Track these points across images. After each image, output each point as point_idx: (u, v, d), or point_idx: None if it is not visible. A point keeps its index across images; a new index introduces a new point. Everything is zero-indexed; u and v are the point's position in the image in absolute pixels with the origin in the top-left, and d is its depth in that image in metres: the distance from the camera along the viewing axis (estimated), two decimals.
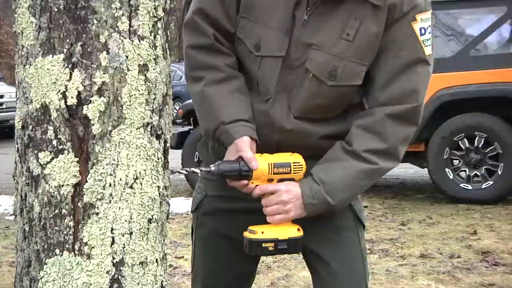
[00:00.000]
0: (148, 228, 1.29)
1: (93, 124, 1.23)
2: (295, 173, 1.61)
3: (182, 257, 4.51)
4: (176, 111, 7.94)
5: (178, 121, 7.54)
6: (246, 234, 1.61)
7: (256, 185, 1.60)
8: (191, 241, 1.90)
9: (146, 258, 1.29)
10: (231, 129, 1.60)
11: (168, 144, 1.35)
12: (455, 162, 6.12)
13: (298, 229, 1.63)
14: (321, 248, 1.71)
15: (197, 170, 1.61)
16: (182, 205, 6.29)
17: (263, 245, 1.60)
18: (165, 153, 1.34)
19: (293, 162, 1.61)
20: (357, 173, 1.61)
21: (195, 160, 6.87)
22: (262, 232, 1.60)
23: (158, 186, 1.31)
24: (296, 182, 1.62)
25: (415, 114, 1.63)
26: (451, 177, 6.05)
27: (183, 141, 7.07)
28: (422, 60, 1.61)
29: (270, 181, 1.61)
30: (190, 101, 7.30)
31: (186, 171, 1.59)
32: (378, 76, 1.62)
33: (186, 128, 7.46)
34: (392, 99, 1.61)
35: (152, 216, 1.30)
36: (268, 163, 1.58)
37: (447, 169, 6.05)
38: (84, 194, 1.23)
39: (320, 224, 1.69)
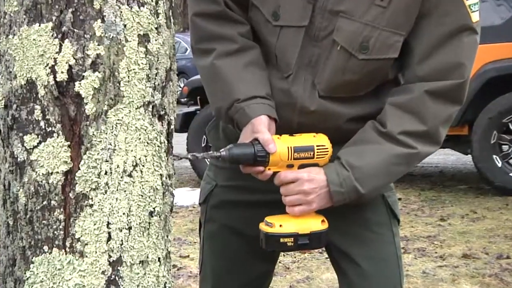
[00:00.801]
0: (149, 223, 1.30)
1: (86, 103, 1.23)
2: (319, 157, 1.61)
3: (188, 256, 4.54)
4: (180, 88, 7.94)
5: (182, 100, 7.57)
6: (262, 227, 1.62)
7: (274, 172, 1.58)
8: (199, 237, 1.91)
9: (147, 257, 1.30)
10: (246, 107, 1.60)
11: (172, 127, 1.35)
12: (504, 147, 6.09)
13: (323, 221, 1.63)
14: (349, 246, 1.72)
15: (206, 156, 1.61)
16: (188, 196, 6.32)
17: (281, 240, 1.61)
18: (169, 136, 1.34)
19: (317, 145, 1.61)
20: (392, 158, 1.62)
21: (203, 144, 6.89)
22: (280, 226, 1.61)
23: (160, 174, 1.31)
24: (321, 168, 1.62)
25: (460, 91, 1.63)
26: (499, 165, 6.02)
27: (188, 123, 7.09)
28: (468, 28, 1.60)
29: (289, 167, 1.61)
30: (197, 77, 7.32)
31: (193, 157, 1.59)
32: (417, 47, 1.62)
33: (192, 108, 7.49)
34: (433, 74, 1.61)
35: (154, 208, 1.30)
36: (288, 147, 1.58)
37: (494, 156, 6.02)
38: (76, 183, 1.24)
39: (348, 219, 1.70)
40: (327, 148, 1.61)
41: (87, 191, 1.24)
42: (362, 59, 1.60)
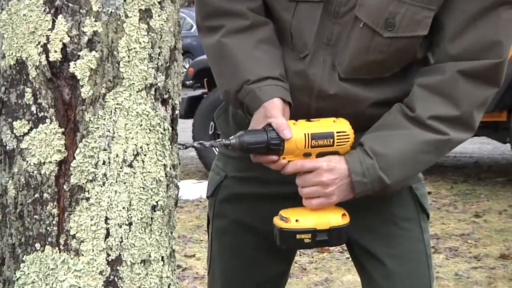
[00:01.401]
0: (151, 218, 1.30)
1: (82, 86, 1.23)
2: (339, 145, 1.61)
3: (194, 255, 4.56)
4: (185, 69, 7.95)
5: (188, 82, 7.56)
6: (277, 221, 1.63)
7: (289, 161, 1.59)
8: (206, 234, 1.92)
9: (149, 256, 1.30)
10: (257, 90, 1.60)
11: (177, 112, 1.35)
12: None
13: (343, 215, 1.64)
14: (373, 244, 1.73)
15: (214, 144, 1.62)
16: (193, 189, 6.34)
17: (298, 236, 1.62)
18: (173, 122, 1.35)
19: (337, 132, 1.61)
20: (421, 145, 1.62)
21: (210, 132, 6.90)
22: (297, 220, 1.62)
23: (164, 165, 1.31)
24: (342, 156, 1.62)
25: (496, 72, 1.63)
26: None
27: (194, 108, 7.09)
28: (506, 2, 1.60)
29: (307, 156, 1.61)
30: (203, 57, 7.31)
31: (200, 145, 1.59)
32: (449, 23, 1.61)
33: (198, 92, 7.49)
34: (466, 53, 1.61)
35: (156, 202, 1.31)
36: (305, 134, 1.59)
37: None
38: (71, 174, 1.24)
39: (372, 213, 1.71)
40: (348, 135, 1.61)
41: (83, 183, 1.24)
42: (388, 37, 1.60)
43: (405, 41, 1.61)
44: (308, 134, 1.59)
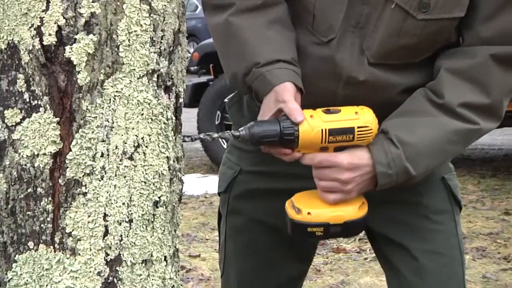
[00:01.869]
0: (153, 214, 1.31)
1: (78, 72, 1.23)
2: (360, 140, 1.61)
3: (199, 255, 4.57)
4: (190, 54, 7.94)
5: (192, 68, 7.55)
6: (288, 210, 1.63)
7: (303, 154, 1.60)
8: (218, 232, 1.94)
9: (151, 255, 1.31)
10: (268, 73, 1.60)
11: (180, 100, 1.35)
12: None
13: (362, 205, 1.64)
14: (404, 237, 1.73)
15: (222, 136, 1.61)
16: (198, 184, 6.33)
17: (309, 229, 1.62)
18: (177, 111, 1.35)
19: (359, 127, 1.60)
20: (449, 135, 1.62)
21: (216, 122, 6.88)
22: (309, 213, 1.62)
23: (167, 157, 1.31)
24: (364, 148, 1.62)
25: None
26: None
27: (199, 96, 7.07)
28: None
29: (323, 150, 1.60)
30: (209, 40, 7.31)
31: (207, 137, 1.59)
32: (482, 4, 1.62)
33: (203, 78, 7.48)
34: (499, 36, 1.61)
35: (159, 197, 1.31)
36: (322, 130, 1.57)
37: None
38: (67, 167, 1.24)
39: (401, 204, 1.72)
40: (370, 129, 1.60)
41: (79, 177, 1.25)
42: (422, 19, 1.60)
43: (440, 24, 1.61)
44: (325, 130, 1.58)
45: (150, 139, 1.28)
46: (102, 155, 1.25)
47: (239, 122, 1.77)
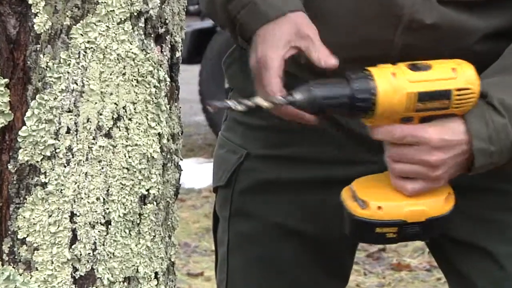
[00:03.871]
0: (140, 214, 1.21)
1: (35, 15, 1.13)
2: (458, 106, 1.47)
3: (201, 274, 4.31)
4: None
5: (192, 8, 6.97)
6: (348, 200, 1.52)
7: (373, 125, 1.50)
8: (214, 242, 1.80)
9: (137, 271, 1.20)
10: (260, 0, 1.49)
11: (178, 54, 1.27)
12: None
13: (448, 195, 1.51)
14: (484, 237, 1.61)
15: (250, 103, 1.46)
16: (201, 173, 5.95)
17: (378, 230, 1.48)
18: (173, 70, 1.27)
19: (457, 89, 1.45)
20: None
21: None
22: (379, 208, 1.48)
23: (158, 134, 1.23)
24: (459, 119, 1.48)
25: None
26: None
27: (203, 48, 6.50)
28: None
29: (405, 121, 1.46)
30: None
31: (239, 105, 1.40)
32: None
33: (208, 23, 6.88)
34: None
35: (147, 191, 1.22)
36: (408, 93, 1.43)
37: None
38: (20, 148, 1.14)
39: (484, 195, 1.59)
40: (473, 93, 1.45)
41: (37, 161, 1.14)
42: None
43: None
44: (414, 94, 1.43)
45: (135, 109, 1.18)
46: (68, 131, 1.13)
47: (242, 85, 1.63)
